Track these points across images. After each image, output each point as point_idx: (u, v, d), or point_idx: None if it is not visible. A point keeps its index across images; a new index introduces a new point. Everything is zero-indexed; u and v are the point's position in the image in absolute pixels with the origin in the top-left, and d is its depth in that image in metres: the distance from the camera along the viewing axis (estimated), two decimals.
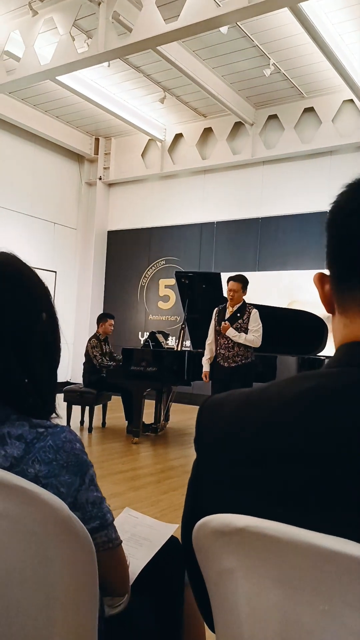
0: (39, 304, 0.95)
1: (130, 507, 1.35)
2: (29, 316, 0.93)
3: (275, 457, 0.61)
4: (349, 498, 0.56)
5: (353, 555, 0.53)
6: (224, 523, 0.62)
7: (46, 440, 0.86)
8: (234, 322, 5.11)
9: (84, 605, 0.81)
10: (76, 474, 0.86)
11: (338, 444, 0.57)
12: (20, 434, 0.86)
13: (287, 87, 8.49)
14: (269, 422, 0.63)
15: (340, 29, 6.71)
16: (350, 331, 0.67)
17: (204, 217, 10.19)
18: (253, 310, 5.16)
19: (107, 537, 0.92)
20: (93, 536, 0.84)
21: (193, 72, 7.69)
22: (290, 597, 0.58)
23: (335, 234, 0.69)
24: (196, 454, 0.73)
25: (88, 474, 0.88)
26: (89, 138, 11.06)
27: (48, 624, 0.79)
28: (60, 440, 0.86)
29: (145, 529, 1.23)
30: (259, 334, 5.07)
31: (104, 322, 6.75)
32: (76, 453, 0.87)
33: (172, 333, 8.84)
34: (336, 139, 8.54)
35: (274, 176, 9.45)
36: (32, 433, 0.86)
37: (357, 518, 0.55)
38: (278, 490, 0.60)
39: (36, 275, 0.98)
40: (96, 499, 0.90)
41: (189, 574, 0.79)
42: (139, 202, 11.08)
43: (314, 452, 0.58)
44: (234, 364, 5.11)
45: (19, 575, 0.79)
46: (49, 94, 9.17)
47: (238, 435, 0.66)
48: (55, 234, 10.85)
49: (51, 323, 0.97)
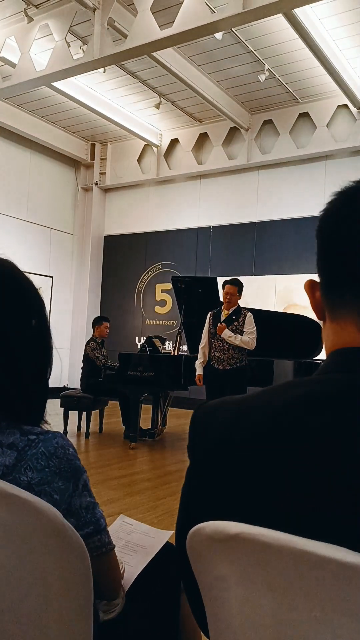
0: (30, 310, 0.95)
1: (127, 512, 1.35)
2: (18, 322, 0.92)
3: (266, 465, 0.61)
4: (341, 505, 0.56)
5: (346, 562, 0.53)
6: (218, 530, 0.62)
7: (38, 447, 0.85)
8: (230, 324, 5.17)
9: (78, 613, 0.81)
10: (69, 480, 0.85)
11: (329, 451, 0.58)
12: (12, 442, 0.85)
13: (282, 93, 8.53)
14: (260, 430, 0.63)
15: (334, 35, 6.76)
16: (340, 338, 0.68)
17: (200, 221, 10.21)
18: (248, 313, 5.24)
19: (100, 542, 0.93)
20: (87, 541, 0.84)
21: (188, 77, 7.72)
22: (283, 604, 0.58)
23: (325, 240, 0.69)
24: (190, 460, 0.73)
25: (81, 479, 0.88)
26: (85, 143, 11.09)
27: (43, 631, 0.79)
28: (52, 446, 0.86)
29: (140, 536, 1.23)
30: (254, 336, 5.12)
31: (99, 325, 6.77)
32: (69, 459, 0.86)
33: (168, 337, 8.86)
34: (331, 144, 8.57)
35: (269, 181, 9.48)
36: (24, 440, 0.86)
37: (350, 525, 0.55)
38: (271, 498, 0.60)
39: (30, 283, 0.98)
40: (89, 504, 0.89)
41: (183, 580, 0.79)
42: (135, 207, 11.10)
43: (305, 460, 0.59)
44: (228, 367, 5.15)
45: (13, 584, 0.79)
46: (44, 100, 9.19)
47: (230, 442, 0.66)
48: (51, 239, 10.85)
49: (42, 330, 0.96)
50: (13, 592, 0.79)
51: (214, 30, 6.12)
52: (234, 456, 0.65)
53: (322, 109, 8.64)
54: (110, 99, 9.09)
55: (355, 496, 0.55)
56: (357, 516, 0.55)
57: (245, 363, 5.23)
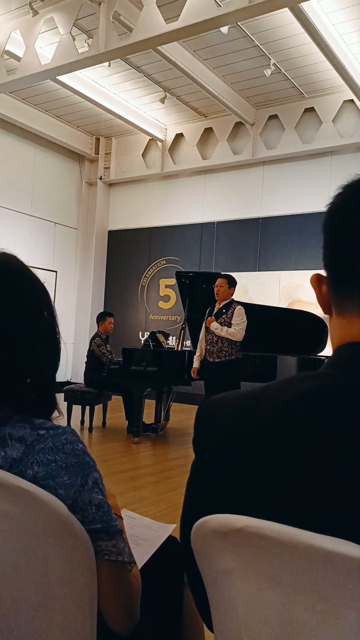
0: (41, 304, 0.95)
1: (130, 507, 1.35)
2: (32, 315, 0.93)
3: (273, 458, 0.61)
4: (347, 499, 0.56)
5: (351, 556, 0.53)
6: (223, 523, 0.62)
7: (46, 442, 0.85)
8: (219, 317, 5.32)
9: (82, 605, 0.81)
10: (76, 475, 0.83)
11: (337, 445, 0.57)
12: (21, 435, 0.85)
13: (287, 87, 8.49)
14: (267, 424, 0.63)
15: (341, 29, 6.71)
16: (347, 332, 0.67)
17: (204, 217, 10.19)
18: (238, 306, 5.34)
19: (115, 548, 0.84)
20: (96, 542, 0.82)
21: (193, 72, 7.69)
22: (288, 598, 0.58)
23: (331, 234, 0.69)
24: (194, 454, 0.73)
25: (91, 476, 0.85)
26: (89, 138, 11.06)
27: (46, 624, 0.80)
28: (60, 441, 0.85)
29: (142, 530, 1.23)
30: (240, 327, 5.24)
31: (103, 320, 6.76)
32: (77, 454, 0.85)
33: (172, 333, 8.84)
34: (337, 139, 8.53)
35: (274, 176, 9.45)
36: (33, 435, 0.85)
37: (355, 519, 0.55)
38: (276, 491, 0.60)
39: (36, 277, 0.98)
40: (101, 503, 0.85)
41: (187, 574, 0.79)
42: (140, 202, 11.08)
43: (312, 453, 0.59)
44: (217, 359, 5.28)
45: (17, 576, 0.79)
46: (49, 94, 9.17)
47: (236, 436, 0.66)
48: (55, 234, 10.85)
49: (52, 323, 0.97)
50: (16, 583, 0.80)
51: (220, 24, 6.08)
52: (238, 449, 0.65)
53: (327, 104, 8.60)
54: (115, 93, 9.06)
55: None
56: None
57: (236, 357, 5.31)
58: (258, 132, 9.32)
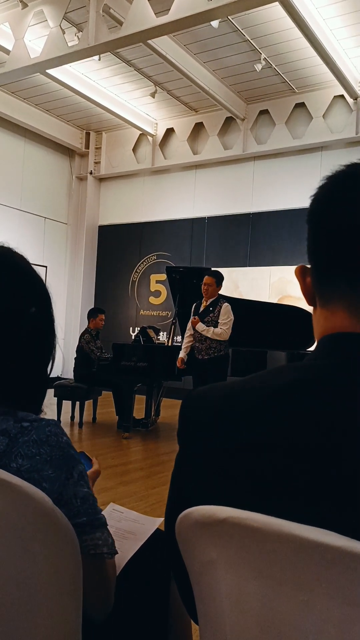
0: (28, 298, 0.94)
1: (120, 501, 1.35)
2: (15, 309, 0.91)
3: (258, 448, 0.61)
4: (332, 489, 0.56)
5: (334, 546, 0.53)
6: (207, 514, 0.62)
7: (30, 434, 0.84)
8: (206, 315, 5.31)
9: (67, 599, 0.81)
10: (61, 468, 0.83)
11: (321, 435, 0.57)
12: (5, 428, 0.84)
13: (278, 82, 8.49)
14: (252, 414, 0.63)
15: (331, 25, 6.71)
16: (330, 323, 0.68)
17: (195, 212, 10.18)
18: (224, 304, 5.33)
19: (102, 540, 0.86)
20: (82, 538, 0.82)
21: (184, 66, 7.66)
22: (272, 588, 0.58)
23: (315, 225, 0.69)
24: (179, 446, 0.73)
25: (76, 469, 0.85)
26: (79, 132, 11.01)
27: (30, 617, 0.79)
28: (44, 434, 0.84)
29: (130, 523, 1.23)
30: (227, 327, 5.24)
31: (94, 317, 6.74)
32: (61, 447, 0.84)
33: (163, 328, 8.85)
34: (327, 135, 8.55)
35: (265, 171, 9.45)
36: (17, 427, 0.85)
37: (340, 509, 0.55)
38: (261, 482, 0.60)
39: (31, 271, 0.96)
40: (86, 495, 0.85)
41: (172, 567, 0.79)
42: (130, 196, 11.05)
43: (297, 443, 0.59)
44: (207, 356, 5.30)
45: (1, 569, 0.79)
46: (39, 88, 9.10)
47: (221, 426, 0.66)
48: (45, 229, 10.80)
49: (43, 318, 0.95)
50: (0, 577, 0.79)
51: (210, 18, 6.07)
52: (225, 439, 0.64)
53: (318, 99, 8.61)
54: (106, 87, 9.02)
55: (345, 480, 0.55)
56: (347, 500, 0.55)
57: (224, 352, 5.34)
58: (249, 127, 9.32)
